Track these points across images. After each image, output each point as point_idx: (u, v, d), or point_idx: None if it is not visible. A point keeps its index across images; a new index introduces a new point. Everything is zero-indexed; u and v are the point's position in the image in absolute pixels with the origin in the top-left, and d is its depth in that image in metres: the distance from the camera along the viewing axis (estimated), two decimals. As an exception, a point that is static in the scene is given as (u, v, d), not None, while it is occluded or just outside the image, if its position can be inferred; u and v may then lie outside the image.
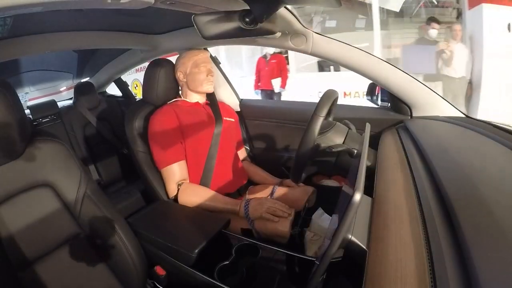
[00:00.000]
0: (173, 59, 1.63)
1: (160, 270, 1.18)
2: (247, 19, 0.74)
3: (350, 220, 0.64)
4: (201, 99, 1.61)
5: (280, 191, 1.50)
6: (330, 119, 1.31)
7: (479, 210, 0.53)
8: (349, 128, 1.27)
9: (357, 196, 0.61)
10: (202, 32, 0.73)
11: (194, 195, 1.38)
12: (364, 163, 0.77)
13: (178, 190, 1.39)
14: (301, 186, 1.50)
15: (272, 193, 1.50)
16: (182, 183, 1.40)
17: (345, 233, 0.69)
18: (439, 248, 0.50)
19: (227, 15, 0.74)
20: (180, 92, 1.62)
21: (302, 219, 1.30)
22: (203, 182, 1.46)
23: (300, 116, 1.82)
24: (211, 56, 1.70)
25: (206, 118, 1.58)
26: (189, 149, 1.47)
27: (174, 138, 1.42)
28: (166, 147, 1.40)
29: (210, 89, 1.57)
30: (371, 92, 1.57)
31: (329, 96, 1.10)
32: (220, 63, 1.96)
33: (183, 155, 1.45)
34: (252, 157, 2.03)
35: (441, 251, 0.49)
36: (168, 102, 1.56)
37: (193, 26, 0.76)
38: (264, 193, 1.54)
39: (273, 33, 0.81)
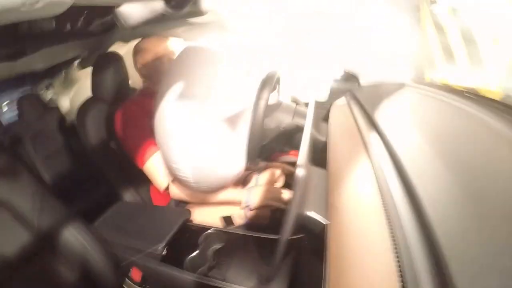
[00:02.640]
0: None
1: (135, 272, 1.15)
2: (173, 3, 0.71)
3: (299, 196, 0.64)
4: None
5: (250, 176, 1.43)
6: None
7: (431, 167, 0.54)
8: (297, 104, 1.27)
9: (300, 172, 0.61)
10: (126, 22, 0.69)
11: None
12: (307, 136, 0.77)
13: (170, 181, 1.27)
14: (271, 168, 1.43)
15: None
16: None
17: (300, 209, 0.69)
18: (396, 211, 0.50)
19: (151, 1, 0.71)
20: (143, 84, 1.51)
21: None
22: None
23: None
24: None
25: None
26: None
27: (146, 131, 1.27)
28: (141, 141, 1.28)
29: None
30: None
31: (269, 78, 1.08)
32: None
33: None
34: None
35: (398, 214, 0.49)
36: (131, 97, 1.46)
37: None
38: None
39: (201, 14, 0.79)
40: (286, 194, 1.22)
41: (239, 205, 1.23)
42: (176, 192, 1.27)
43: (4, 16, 0.56)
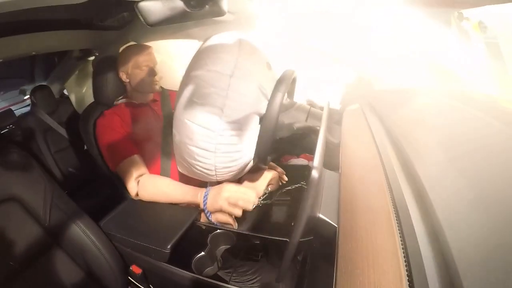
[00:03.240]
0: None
1: (136, 269, 1.16)
2: (192, 2, 0.72)
3: (312, 198, 0.64)
4: (147, 97, 1.55)
5: (245, 176, 1.37)
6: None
7: (444, 173, 0.54)
8: (312, 107, 1.26)
9: (315, 174, 0.61)
10: (146, 19, 0.70)
11: (153, 188, 1.28)
12: (322, 139, 0.77)
13: (141, 180, 1.29)
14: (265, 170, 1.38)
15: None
16: (141, 177, 1.30)
17: (311, 211, 0.69)
18: (407, 217, 0.50)
19: (172, -1, 0.71)
20: (125, 91, 1.54)
21: (262, 204, 1.27)
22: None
23: None
24: None
25: (153, 117, 1.51)
26: (141, 151, 1.39)
27: (122, 138, 1.34)
28: (115, 146, 1.32)
29: (155, 90, 1.51)
30: None
31: (287, 75, 1.07)
32: None
33: (135, 150, 1.35)
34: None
35: (409, 219, 0.49)
36: (114, 104, 1.48)
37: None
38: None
39: (221, 14, 0.79)
40: (245, 200, 1.12)
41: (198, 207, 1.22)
42: (144, 195, 1.28)
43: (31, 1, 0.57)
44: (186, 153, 1.07)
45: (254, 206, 1.14)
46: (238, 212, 1.11)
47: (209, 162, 1.04)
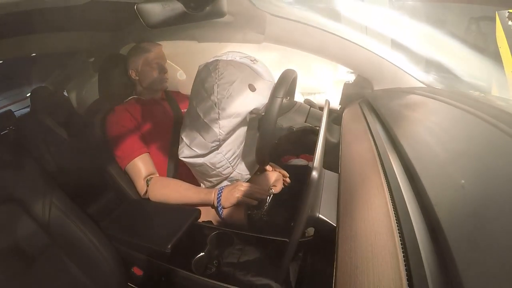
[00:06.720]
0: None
1: (137, 271, 1.16)
2: (192, 4, 0.72)
3: (312, 198, 0.64)
4: (156, 95, 1.56)
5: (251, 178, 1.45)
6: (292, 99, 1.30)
7: (443, 173, 0.54)
8: (311, 107, 1.26)
9: (314, 174, 0.61)
10: (146, 21, 0.70)
11: (165, 188, 1.30)
12: (322, 139, 0.77)
13: (147, 186, 1.32)
14: (269, 171, 1.45)
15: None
16: (151, 178, 1.33)
17: (311, 211, 0.69)
18: (407, 216, 0.50)
19: (171, 1, 0.71)
20: (134, 89, 1.54)
21: (267, 206, 1.29)
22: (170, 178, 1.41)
23: None
24: None
25: (163, 114, 1.52)
26: (150, 148, 1.40)
27: (132, 135, 1.35)
28: (125, 144, 1.33)
29: (164, 87, 1.52)
30: None
31: (286, 77, 1.08)
32: None
33: (145, 148, 1.37)
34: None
35: (409, 219, 0.49)
36: (124, 101, 1.48)
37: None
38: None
39: (221, 15, 0.79)
40: (260, 192, 1.23)
41: (211, 205, 1.25)
42: (154, 195, 1.30)
43: (32, 3, 0.58)
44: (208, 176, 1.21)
45: (269, 197, 1.24)
46: (255, 203, 1.20)
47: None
